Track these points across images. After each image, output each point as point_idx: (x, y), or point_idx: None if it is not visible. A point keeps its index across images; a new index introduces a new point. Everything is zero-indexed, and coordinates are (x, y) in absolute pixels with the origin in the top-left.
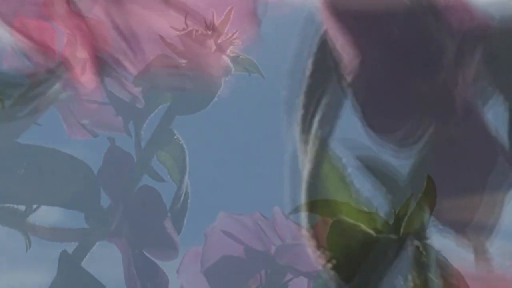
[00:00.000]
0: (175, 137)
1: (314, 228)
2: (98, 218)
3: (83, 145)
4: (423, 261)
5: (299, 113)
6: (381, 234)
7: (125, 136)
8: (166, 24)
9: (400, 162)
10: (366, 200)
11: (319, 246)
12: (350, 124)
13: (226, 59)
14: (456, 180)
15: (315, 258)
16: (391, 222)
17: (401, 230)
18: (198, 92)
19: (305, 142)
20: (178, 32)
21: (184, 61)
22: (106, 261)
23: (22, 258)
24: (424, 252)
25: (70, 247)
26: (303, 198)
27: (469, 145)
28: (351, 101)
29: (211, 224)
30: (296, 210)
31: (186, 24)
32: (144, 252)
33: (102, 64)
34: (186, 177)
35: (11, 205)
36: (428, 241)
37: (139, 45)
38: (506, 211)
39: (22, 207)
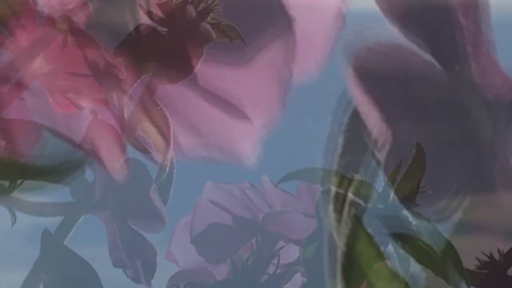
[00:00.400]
0: (159, 107)
1: None
2: (83, 191)
3: (66, 119)
4: (412, 230)
5: (332, 192)
6: None
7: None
8: None
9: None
10: (398, 265)
11: None
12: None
13: (207, 26)
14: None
15: (304, 226)
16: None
17: (390, 197)
18: (180, 61)
19: (339, 221)
20: (158, 0)
21: (164, 29)
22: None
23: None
24: (413, 221)
25: (56, 222)
26: (338, 278)
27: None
28: (385, 176)
29: (200, 195)
30: (284, 179)
31: None
32: (130, 224)
33: (84, 36)
34: (171, 147)
35: None
36: (417, 209)
37: None
38: None
39: (6, 182)
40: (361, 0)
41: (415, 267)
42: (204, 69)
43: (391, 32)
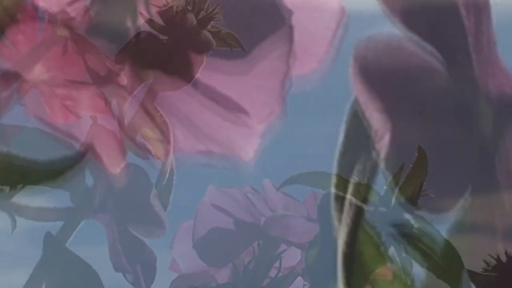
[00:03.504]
0: (159, 113)
1: None
2: (83, 196)
3: (66, 125)
4: (414, 233)
5: (333, 180)
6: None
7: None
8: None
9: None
10: (400, 268)
11: None
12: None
13: (207, 34)
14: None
15: (306, 229)
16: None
17: (392, 201)
18: (180, 69)
19: (340, 211)
20: (158, 8)
21: (165, 37)
22: (91, 241)
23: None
24: (415, 224)
25: (56, 226)
26: (339, 267)
27: None
28: (383, 170)
29: (202, 198)
30: (286, 182)
31: (167, 0)
32: (130, 229)
33: (84, 42)
34: (171, 153)
35: None
36: (419, 212)
37: None
38: None
39: (7, 188)
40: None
41: (417, 269)
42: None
43: (393, 29)
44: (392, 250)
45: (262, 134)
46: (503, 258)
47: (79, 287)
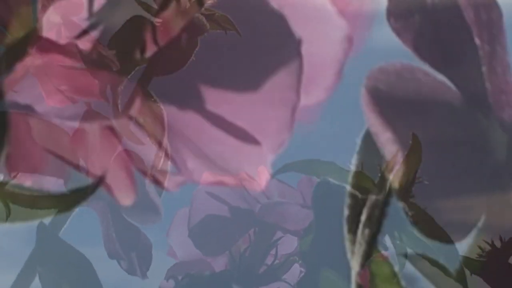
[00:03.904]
0: (153, 98)
1: None
2: (77, 183)
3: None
4: (409, 220)
5: (345, 212)
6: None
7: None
8: None
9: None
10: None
11: None
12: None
13: (201, 17)
14: None
15: (301, 216)
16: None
17: (386, 188)
18: (175, 52)
19: (353, 242)
20: None
21: (158, 20)
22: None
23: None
24: (410, 212)
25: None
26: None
27: None
28: (396, 201)
29: (197, 186)
30: (281, 170)
31: None
32: (124, 216)
33: (77, 28)
34: (166, 138)
35: None
36: (413, 200)
37: None
38: None
39: (0, 176)
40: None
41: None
42: (212, 93)
43: (404, 59)
44: (387, 240)
45: (270, 155)
46: (497, 244)
47: (73, 277)
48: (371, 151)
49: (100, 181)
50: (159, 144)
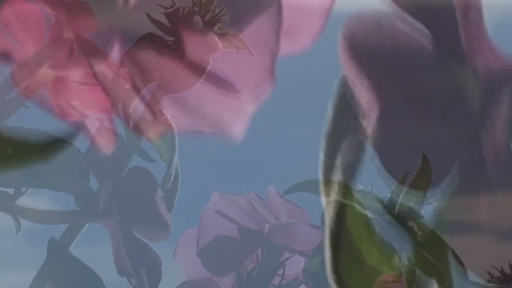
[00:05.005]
0: (164, 116)
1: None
2: (87, 200)
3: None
4: (418, 240)
5: (321, 158)
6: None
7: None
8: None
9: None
10: (388, 245)
11: None
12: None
13: (213, 36)
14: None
15: (310, 237)
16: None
17: (396, 209)
18: (186, 71)
19: (328, 186)
20: (165, 9)
21: (171, 38)
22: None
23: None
24: (419, 232)
25: (60, 229)
26: (326, 244)
27: (502, 191)
28: (370, 147)
29: (206, 205)
30: (290, 190)
31: (173, 1)
32: (134, 233)
33: (90, 45)
34: (176, 156)
35: (0, 188)
36: (423, 220)
37: None
38: None
39: (11, 190)
40: None
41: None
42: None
43: (381, 6)
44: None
45: (252, 112)
46: (507, 270)
47: None
48: (346, 98)
49: (80, 127)
50: (170, 160)
